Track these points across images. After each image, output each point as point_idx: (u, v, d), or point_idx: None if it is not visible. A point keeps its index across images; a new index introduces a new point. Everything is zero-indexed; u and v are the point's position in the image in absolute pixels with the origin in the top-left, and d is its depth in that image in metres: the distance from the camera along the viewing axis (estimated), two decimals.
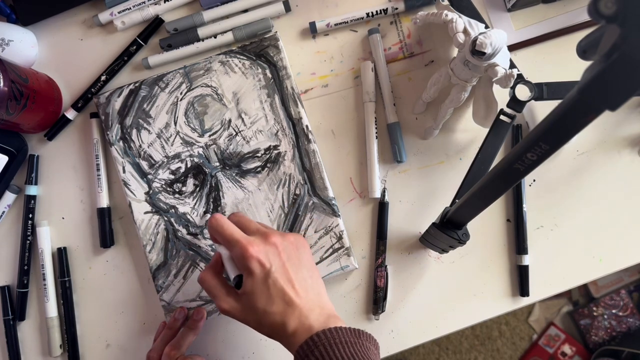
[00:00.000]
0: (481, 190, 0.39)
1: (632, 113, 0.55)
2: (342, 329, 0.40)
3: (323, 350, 0.38)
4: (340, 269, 0.53)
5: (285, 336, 0.41)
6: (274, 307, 0.41)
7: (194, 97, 0.55)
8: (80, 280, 0.56)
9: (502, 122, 0.49)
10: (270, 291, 0.41)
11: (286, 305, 0.41)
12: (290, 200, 0.54)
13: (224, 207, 0.54)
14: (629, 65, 0.26)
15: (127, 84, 0.55)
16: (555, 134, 0.31)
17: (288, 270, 0.42)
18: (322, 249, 0.54)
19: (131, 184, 0.55)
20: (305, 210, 0.54)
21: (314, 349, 0.38)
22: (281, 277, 0.41)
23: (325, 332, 0.39)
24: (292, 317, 0.41)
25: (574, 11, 0.55)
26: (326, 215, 0.54)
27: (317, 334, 0.39)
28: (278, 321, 0.41)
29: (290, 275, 0.42)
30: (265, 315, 0.41)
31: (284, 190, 0.54)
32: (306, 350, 0.39)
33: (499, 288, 0.55)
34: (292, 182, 0.54)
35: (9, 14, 0.56)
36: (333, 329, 0.39)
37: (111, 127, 0.55)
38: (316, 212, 0.54)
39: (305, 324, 0.40)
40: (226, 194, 0.54)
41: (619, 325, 1.34)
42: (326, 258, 0.54)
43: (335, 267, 0.53)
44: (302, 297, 0.42)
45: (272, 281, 0.41)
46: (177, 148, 0.55)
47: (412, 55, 0.56)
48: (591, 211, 0.55)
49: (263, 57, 0.55)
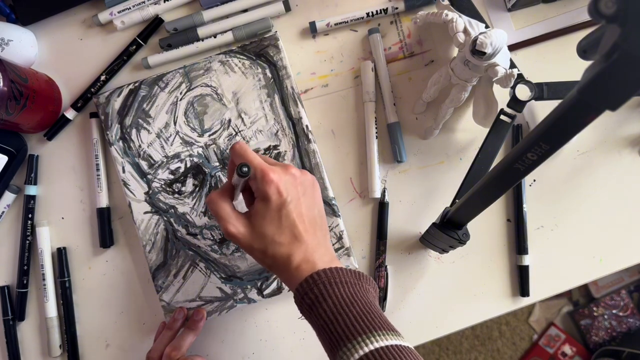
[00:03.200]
0: (481, 190, 0.39)
1: (632, 113, 0.55)
2: (344, 269, 0.40)
3: (322, 288, 0.38)
4: None
5: (287, 269, 0.41)
6: (282, 238, 0.41)
7: (194, 97, 0.55)
8: (80, 281, 0.56)
9: (503, 122, 0.49)
10: (281, 221, 0.41)
11: (294, 239, 0.41)
12: None
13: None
14: (629, 65, 0.26)
15: (127, 83, 0.55)
16: (555, 134, 0.31)
17: (302, 205, 0.42)
18: None
19: (131, 184, 0.54)
20: None
21: (313, 286, 0.38)
22: (295, 210, 0.41)
23: (327, 271, 0.39)
24: (298, 251, 0.41)
25: (574, 11, 0.55)
26: (326, 215, 0.53)
27: (319, 272, 0.39)
28: (284, 253, 0.41)
29: (303, 211, 0.42)
30: (272, 244, 0.41)
31: None
32: (306, 287, 0.39)
33: (499, 288, 0.55)
34: None
35: (9, 14, 0.56)
36: (334, 268, 0.40)
37: (111, 127, 0.55)
38: None
39: (310, 261, 0.40)
40: None
41: (620, 326, 1.33)
42: None
43: None
44: (310, 234, 0.42)
45: (286, 212, 0.41)
46: (176, 148, 0.55)
47: (412, 55, 0.56)
48: (591, 211, 0.55)
49: (263, 57, 0.55)
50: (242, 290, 0.54)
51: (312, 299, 0.38)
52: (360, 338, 0.35)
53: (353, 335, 0.35)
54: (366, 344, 0.35)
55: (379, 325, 0.36)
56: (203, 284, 0.54)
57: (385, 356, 0.34)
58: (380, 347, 0.34)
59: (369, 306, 0.38)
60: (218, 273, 0.54)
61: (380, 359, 0.34)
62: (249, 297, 0.54)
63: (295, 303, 0.40)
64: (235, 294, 0.54)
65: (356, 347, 0.35)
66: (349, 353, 0.35)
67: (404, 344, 0.36)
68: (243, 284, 0.54)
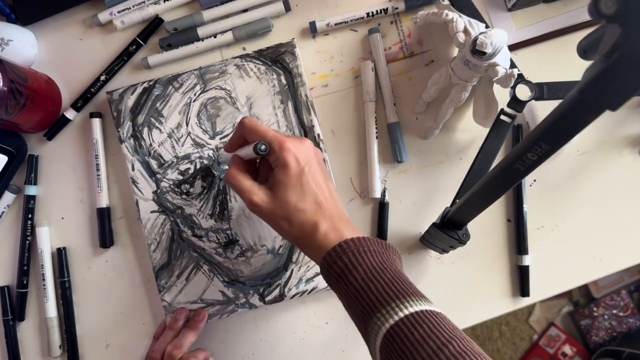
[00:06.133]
0: (481, 190, 0.39)
1: (632, 113, 0.55)
2: (371, 238, 0.40)
3: (352, 256, 0.38)
4: None
5: (315, 237, 0.40)
6: (306, 205, 0.41)
7: (207, 99, 0.55)
8: (80, 281, 0.56)
9: (503, 122, 0.49)
10: (303, 188, 0.41)
11: (318, 206, 0.41)
12: None
13: (231, 211, 0.54)
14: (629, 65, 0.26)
15: (142, 82, 0.55)
16: (555, 134, 0.31)
17: (318, 174, 0.42)
18: None
19: (139, 182, 0.54)
20: None
21: (342, 255, 0.38)
22: (313, 178, 0.41)
23: (354, 240, 0.39)
24: (324, 218, 0.41)
25: (574, 11, 0.55)
26: None
27: (347, 241, 0.39)
28: (310, 220, 0.41)
29: (321, 180, 0.42)
30: (297, 212, 0.41)
31: None
32: (335, 256, 0.38)
33: (500, 288, 0.55)
34: None
35: (9, 14, 0.56)
36: (362, 237, 0.40)
37: (123, 124, 0.55)
38: None
39: (337, 229, 0.40)
40: (233, 198, 0.54)
41: (620, 326, 1.33)
42: None
43: None
44: (330, 204, 0.42)
45: (306, 180, 0.41)
46: (187, 149, 0.55)
47: (412, 55, 0.56)
48: (592, 211, 0.55)
49: (279, 63, 0.55)
50: (244, 295, 0.54)
51: (341, 267, 0.38)
52: (395, 304, 0.35)
53: (387, 301, 0.36)
54: (400, 309, 0.35)
55: (410, 292, 0.36)
56: (206, 286, 0.54)
57: (420, 320, 0.34)
58: (414, 312, 0.34)
59: (398, 274, 0.38)
60: (221, 276, 0.54)
61: (415, 322, 0.34)
62: (251, 303, 0.54)
63: (322, 272, 0.40)
64: (237, 298, 0.54)
65: (390, 313, 0.35)
66: (383, 319, 0.35)
67: (436, 309, 0.36)
68: (245, 289, 0.54)
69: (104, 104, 0.57)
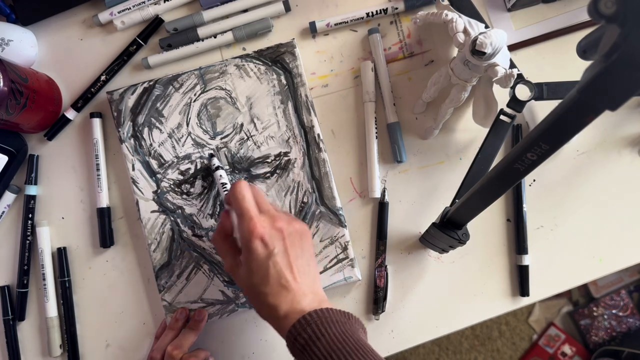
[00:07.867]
0: (481, 190, 0.39)
1: (632, 113, 0.55)
2: (332, 309, 0.41)
3: (315, 328, 0.39)
4: (343, 280, 0.53)
5: (276, 318, 0.42)
6: (267, 288, 0.42)
7: (208, 99, 0.55)
8: (80, 280, 0.56)
9: (502, 122, 0.49)
10: (268, 271, 0.42)
11: (281, 288, 0.42)
12: (297, 208, 0.54)
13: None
14: (629, 65, 0.26)
15: (142, 82, 0.55)
16: (555, 134, 0.31)
17: (289, 255, 0.43)
18: (326, 258, 0.54)
19: (139, 182, 0.54)
20: (312, 218, 0.54)
21: (306, 327, 0.39)
22: (282, 260, 0.42)
23: (317, 311, 0.40)
24: (284, 300, 0.41)
25: (574, 11, 0.55)
26: (332, 225, 0.53)
27: (309, 313, 0.40)
28: (270, 302, 0.42)
29: (291, 260, 0.43)
30: (259, 294, 0.42)
31: (292, 197, 0.54)
32: (297, 329, 0.39)
33: (499, 288, 0.55)
34: (300, 190, 0.54)
35: (9, 14, 0.56)
36: (324, 309, 0.40)
37: (123, 124, 0.55)
38: (323, 221, 0.54)
39: (297, 308, 0.41)
40: None
41: (619, 326, 1.33)
42: (330, 268, 0.54)
43: (338, 277, 0.53)
44: (298, 282, 0.42)
45: (273, 263, 0.42)
46: (187, 149, 0.55)
47: (412, 55, 0.56)
48: (591, 211, 0.55)
49: (279, 64, 0.55)
50: (244, 295, 0.54)
51: (305, 339, 0.39)
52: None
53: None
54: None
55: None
56: (206, 286, 0.54)
57: None
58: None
59: (361, 342, 0.39)
60: (221, 276, 0.54)
61: None
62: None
63: (287, 346, 0.41)
64: (237, 298, 0.54)
65: None
66: None
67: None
68: None
69: (104, 104, 0.57)
